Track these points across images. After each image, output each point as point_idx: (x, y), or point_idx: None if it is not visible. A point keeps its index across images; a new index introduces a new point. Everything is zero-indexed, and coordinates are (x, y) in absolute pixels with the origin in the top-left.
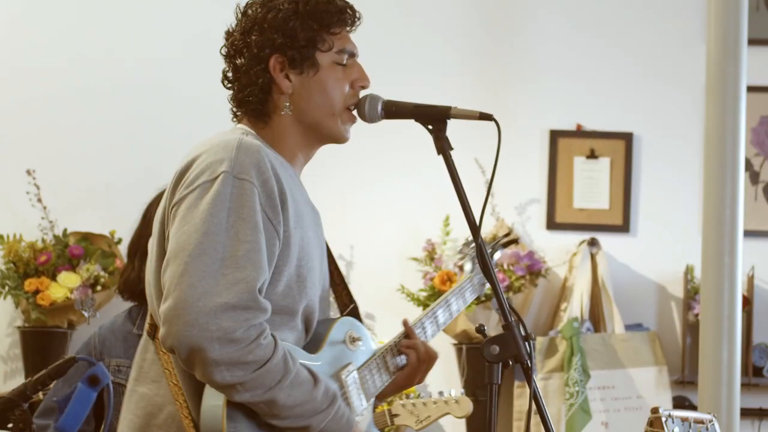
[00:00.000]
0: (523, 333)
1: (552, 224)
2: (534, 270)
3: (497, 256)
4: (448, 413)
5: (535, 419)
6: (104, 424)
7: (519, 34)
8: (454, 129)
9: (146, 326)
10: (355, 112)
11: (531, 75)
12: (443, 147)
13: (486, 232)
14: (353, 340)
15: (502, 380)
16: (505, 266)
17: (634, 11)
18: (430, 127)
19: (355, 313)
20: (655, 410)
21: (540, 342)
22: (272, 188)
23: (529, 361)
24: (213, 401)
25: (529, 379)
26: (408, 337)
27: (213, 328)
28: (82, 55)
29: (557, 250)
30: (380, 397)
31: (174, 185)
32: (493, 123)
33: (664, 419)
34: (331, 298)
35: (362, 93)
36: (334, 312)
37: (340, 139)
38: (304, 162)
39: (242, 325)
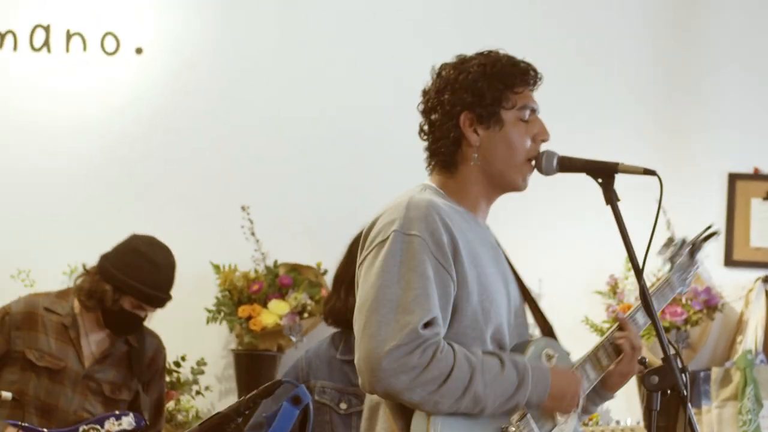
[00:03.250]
0: (680, 365)
1: (729, 261)
2: (711, 305)
3: (700, 254)
4: None
5: None
6: None
7: (699, 82)
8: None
9: None
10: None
11: (711, 121)
12: (611, 198)
13: (667, 268)
14: (549, 357)
15: (663, 407)
16: (684, 300)
17: None
18: (600, 180)
19: (550, 333)
20: None
21: (715, 372)
22: (440, 237)
23: (685, 391)
24: (419, 427)
25: (684, 407)
26: (621, 329)
27: (394, 366)
28: (298, 102)
29: (734, 285)
30: (609, 388)
31: (361, 245)
32: (662, 174)
33: None
34: (532, 321)
35: (542, 146)
36: (537, 334)
37: (519, 188)
38: (487, 207)
39: (414, 354)
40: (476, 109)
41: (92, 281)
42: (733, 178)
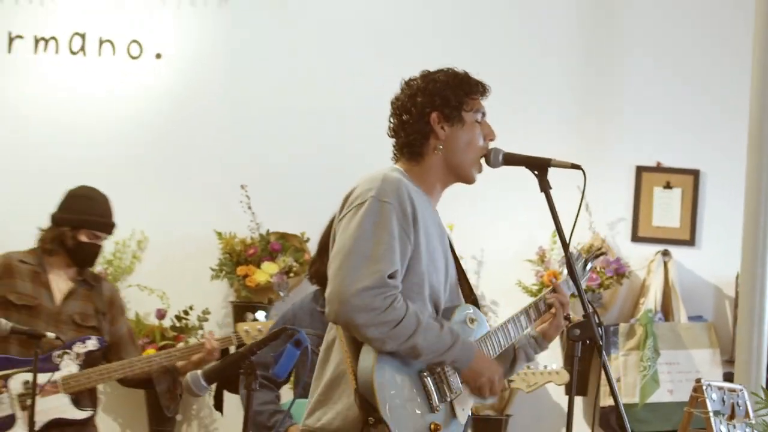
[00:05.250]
0: (597, 321)
1: (635, 238)
2: (620, 272)
3: (590, 265)
4: (550, 381)
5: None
6: (298, 377)
7: (617, 93)
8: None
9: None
10: (482, 161)
11: (625, 124)
12: (545, 187)
13: (585, 241)
14: (471, 320)
15: (581, 354)
16: (598, 269)
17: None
18: (536, 172)
19: (475, 303)
20: (698, 380)
21: (622, 327)
22: (406, 208)
23: (600, 341)
24: (365, 360)
25: (600, 354)
26: (554, 291)
27: (358, 303)
28: (291, 98)
29: (638, 257)
30: (548, 338)
31: (341, 206)
32: (583, 169)
33: (704, 387)
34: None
35: (490, 144)
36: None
37: (470, 180)
38: (440, 194)
39: (378, 297)
40: (444, 110)
41: (50, 231)
42: (640, 170)
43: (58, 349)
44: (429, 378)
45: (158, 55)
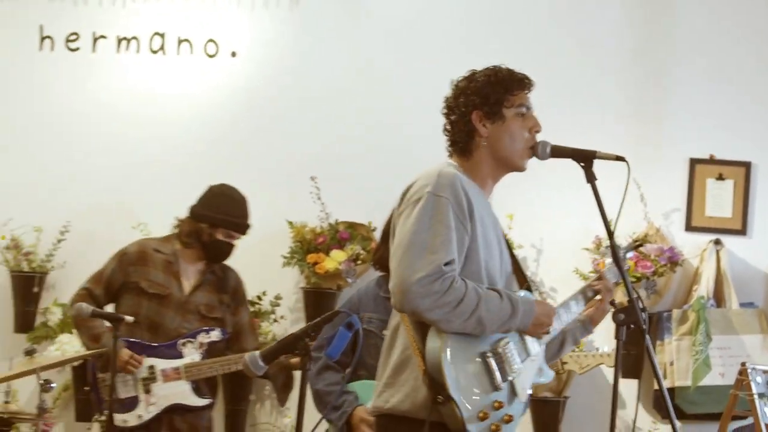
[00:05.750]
0: (641, 306)
1: (689, 227)
2: (674, 260)
3: (630, 254)
4: (602, 363)
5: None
6: (355, 357)
7: (669, 87)
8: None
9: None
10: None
11: (679, 118)
12: (591, 178)
13: (641, 230)
14: None
15: (636, 339)
16: (652, 257)
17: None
18: (582, 164)
19: (528, 288)
20: (743, 364)
21: (675, 313)
22: (462, 201)
23: (644, 325)
24: (433, 343)
25: (643, 337)
26: (600, 278)
27: (419, 290)
28: (356, 97)
29: (692, 246)
30: (594, 322)
31: (400, 201)
32: (631, 160)
33: (749, 371)
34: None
35: (538, 136)
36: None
37: (519, 169)
38: (493, 185)
39: (436, 282)
40: (483, 108)
41: (189, 224)
42: (693, 162)
43: (184, 337)
44: (492, 358)
45: (233, 53)
